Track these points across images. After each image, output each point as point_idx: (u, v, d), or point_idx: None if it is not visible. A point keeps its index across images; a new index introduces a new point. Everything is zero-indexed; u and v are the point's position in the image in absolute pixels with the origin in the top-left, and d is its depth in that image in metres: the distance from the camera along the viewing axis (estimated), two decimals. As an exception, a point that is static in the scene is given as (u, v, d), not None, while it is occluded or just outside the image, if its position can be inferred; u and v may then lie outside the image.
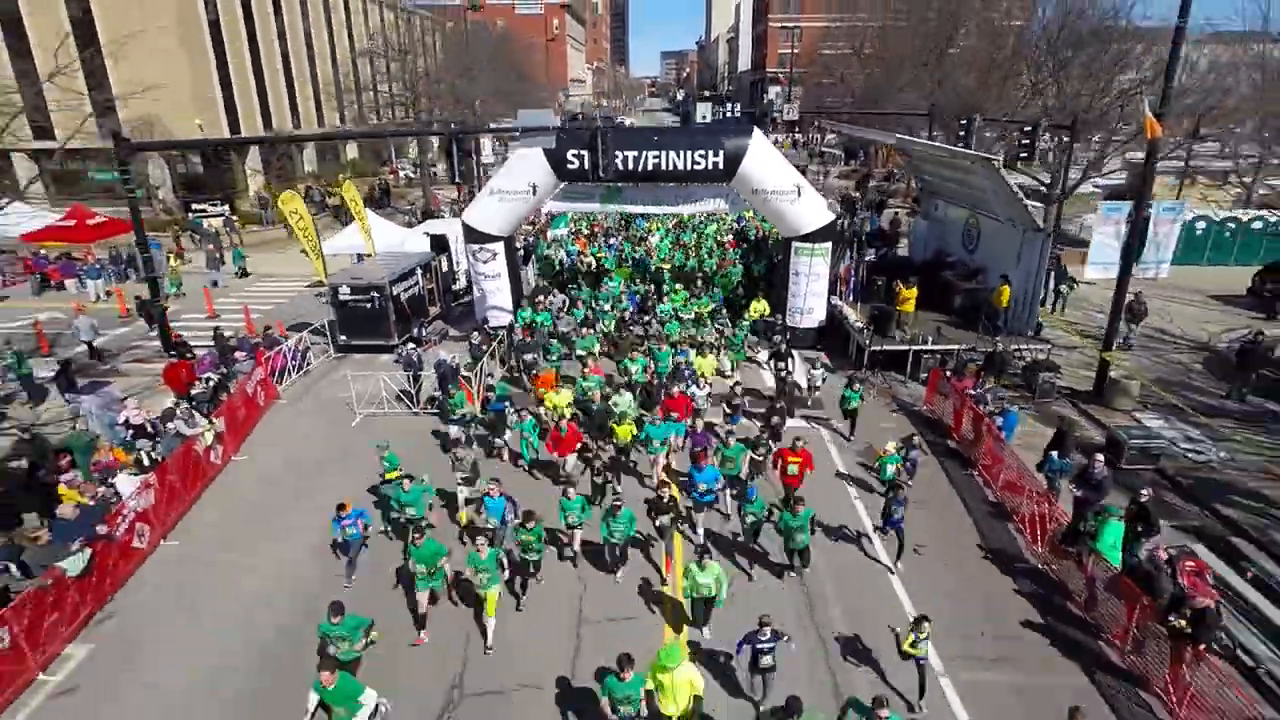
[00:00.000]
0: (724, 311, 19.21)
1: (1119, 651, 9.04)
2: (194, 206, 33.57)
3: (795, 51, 79.80)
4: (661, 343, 17.11)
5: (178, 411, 12.80)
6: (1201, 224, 27.13)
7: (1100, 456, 10.82)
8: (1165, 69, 15.05)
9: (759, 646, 7.97)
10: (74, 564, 9.41)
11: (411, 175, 49.52)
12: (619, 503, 10.05)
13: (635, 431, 13.12)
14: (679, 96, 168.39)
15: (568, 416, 13.09)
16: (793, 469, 11.34)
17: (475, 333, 17.61)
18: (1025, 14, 34.00)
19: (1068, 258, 22.96)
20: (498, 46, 49.75)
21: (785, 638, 8.14)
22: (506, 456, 13.82)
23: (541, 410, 14.12)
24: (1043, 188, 27.63)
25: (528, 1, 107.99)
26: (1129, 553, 9.37)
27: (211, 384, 14.39)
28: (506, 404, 13.67)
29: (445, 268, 22.20)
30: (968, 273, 19.81)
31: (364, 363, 18.39)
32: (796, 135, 78.64)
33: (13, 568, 9.20)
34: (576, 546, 10.66)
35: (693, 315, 18.71)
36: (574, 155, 17.15)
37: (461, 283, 23.00)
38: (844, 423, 14.71)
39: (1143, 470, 13.07)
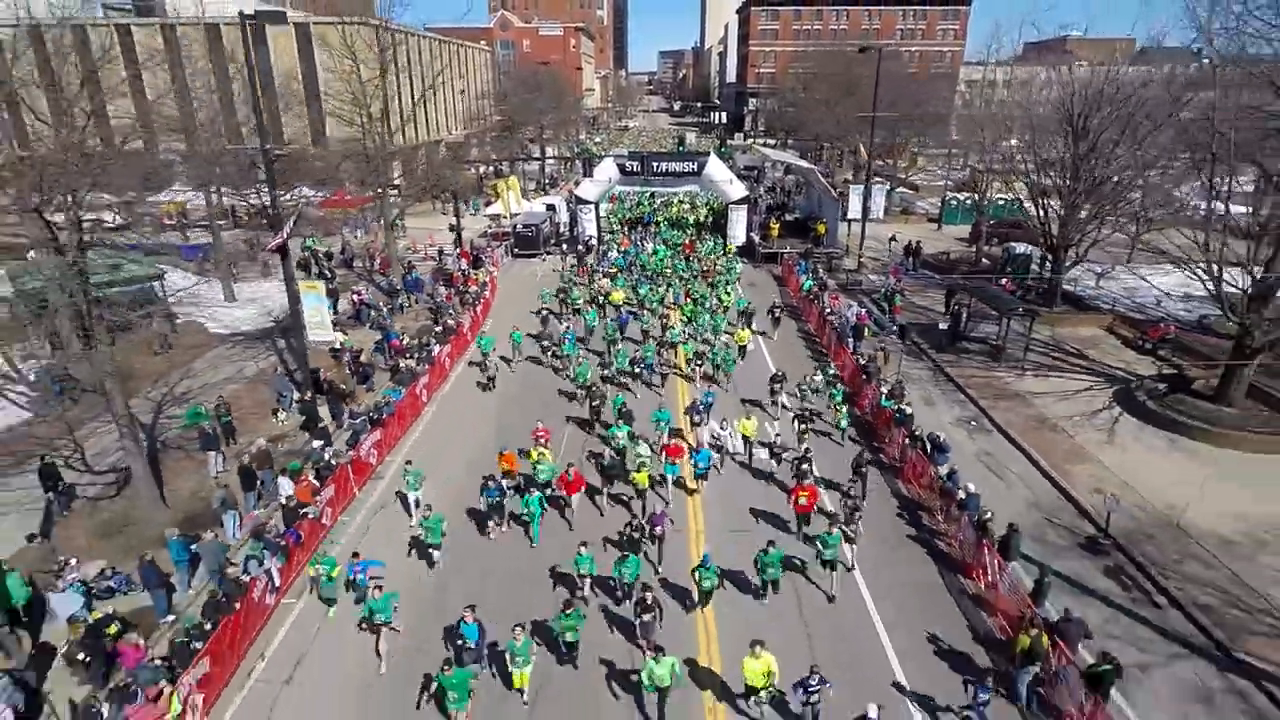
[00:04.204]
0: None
1: (811, 327, 30.12)
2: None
3: (760, 88, 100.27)
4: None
5: (497, 258, 33.97)
6: (969, 202, 48.19)
7: (832, 281, 31.95)
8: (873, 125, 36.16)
9: (810, 686, 10.07)
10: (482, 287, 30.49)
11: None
12: (627, 553, 13.17)
13: (652, 474, 15.94)
14: (675, 106, 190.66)
15: (563, 468, 15.64)
16: (803, 500, 14.63)
17: (577, 248, 38.60)
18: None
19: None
20: (550, 83, 71.27)
21: (828, 684, 10.18)
22: (496, 537, 15.50)
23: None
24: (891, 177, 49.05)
25: (549, 24, 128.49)
26: (815, 296, 30.49)
27: (480, 260, 35.49)
28: (499, 493, 15.21)
29: (556, 219, 43.37)
30: (815, 219, 40.93)
31: (525, 261, 39.60)
32: (770, 140, 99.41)
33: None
34: (587, 591, 13.41)
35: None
36: (629, 164, 38.26)
37: (562, 228, 44.08)
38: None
39: (853, 287, 34.11)
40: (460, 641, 11.58)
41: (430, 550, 14.30)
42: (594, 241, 39.55)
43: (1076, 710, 10.76)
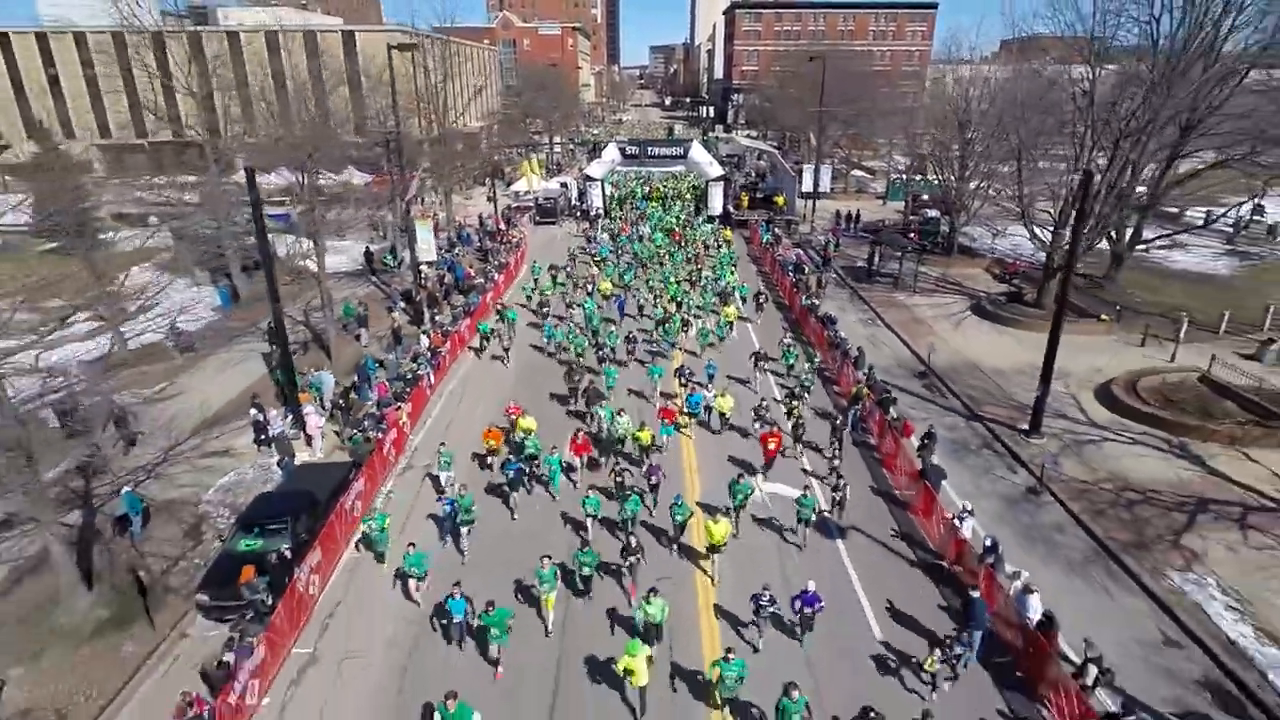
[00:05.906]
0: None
1: (766, 267, 39.83)
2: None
3: (745, 84, 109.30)
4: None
5: (525, 224, 43.57)
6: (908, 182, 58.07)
7: (787, 240, 41.71)
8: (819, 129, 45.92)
9: (761, 602, 12.32)
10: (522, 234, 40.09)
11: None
12: (628, 493, 15.32)
13: (654, 434, 18.23)
14: (666, 101, 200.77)
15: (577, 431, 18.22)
16: (771, 444, 17.74)
17: (588, 215, 48.13)
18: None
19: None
20: (555, 82, 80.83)
21: (776, 604, 12.34)
22: (517, 514, 16.87)
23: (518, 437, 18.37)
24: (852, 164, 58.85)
25: (548, 24, 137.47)
26: (770, 246, 40.19)
27: (512, 222, 45.01)
28: (521, 468, 16.95)
29: (568, 194, 52.97)
30: (778, 193, 50.66)
31: (545, 227, 49.17)
32: (750, 132, 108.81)
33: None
34: (593, 529, 15.55)
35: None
36: (629, 149, 47.95)
37: (573, 201, 53.62)
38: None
39: (805, 242, 43.85)
40: (446, 620, 12.60)
41: (460, 527, 15.20)
42: (600, 212, 49.14)
43: (875, 425, 20.57)
